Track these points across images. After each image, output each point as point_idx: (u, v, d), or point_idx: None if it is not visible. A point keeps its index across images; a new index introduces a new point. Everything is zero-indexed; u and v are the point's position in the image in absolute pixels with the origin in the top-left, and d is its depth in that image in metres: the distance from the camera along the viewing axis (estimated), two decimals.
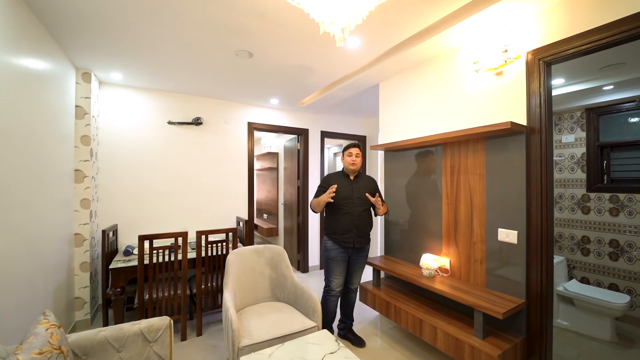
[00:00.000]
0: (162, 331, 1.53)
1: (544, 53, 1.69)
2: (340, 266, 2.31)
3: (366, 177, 2.48)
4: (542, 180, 1.71)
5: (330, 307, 2.35)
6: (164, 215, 3.19)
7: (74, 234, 2.49)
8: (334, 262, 2.31)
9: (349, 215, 2.28)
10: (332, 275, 2.32)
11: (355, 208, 2.29)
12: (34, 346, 1.07)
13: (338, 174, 2.41)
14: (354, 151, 2.35)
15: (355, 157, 2.34)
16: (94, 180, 2.71)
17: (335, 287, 2.32)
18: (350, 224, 2.28)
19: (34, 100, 1.82)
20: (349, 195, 2.30)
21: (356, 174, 2.40)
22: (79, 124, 2.51)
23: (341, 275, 2.33)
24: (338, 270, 2.31)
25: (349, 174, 2.39)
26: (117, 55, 2.33)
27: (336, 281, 2.32)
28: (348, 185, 2.33)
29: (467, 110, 2.11)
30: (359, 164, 2.36)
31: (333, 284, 2.32)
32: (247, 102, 3.65)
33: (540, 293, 1.71)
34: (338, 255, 2.30)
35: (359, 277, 2.45)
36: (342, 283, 2.35)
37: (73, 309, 2.48)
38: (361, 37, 2.06)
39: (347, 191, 2.30)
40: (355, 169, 2.35)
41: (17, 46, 1.62)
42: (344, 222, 2.28)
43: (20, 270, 1.63)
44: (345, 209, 2.28)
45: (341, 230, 2.29)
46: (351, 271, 2.39)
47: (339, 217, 2.29)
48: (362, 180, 2.40)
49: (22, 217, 1.64)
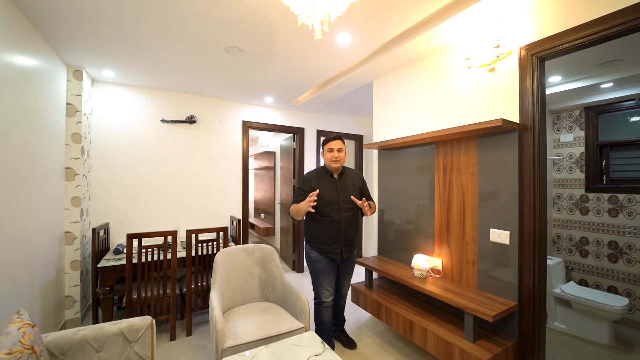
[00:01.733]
0: (144, 331, 1.50)
1: (537, 48, 1.65)
2: (329, 277, 2.08)
3: (352, 172, 2.19)
4: (535, 180, 1.66)
5: (325, 318, 2.11)
6: (157, 214, 3.17)
7: (64, 232, 2.47)
8: (321, 274, 2.07)
9: (336, 223, 2.01)
10: (321, 287, 2.08)
11: (343, 214, 2.02)
12: (3, 346, 1.04)
13: (320, 173, 2.10)
14: (334, 145, 2.02)
15: (337, 152, 2.03)
16: (85, 178, 2.70)
17: (325, 299, 2.08)
18: (337, 234, 2.02)
19: (21, 97, 1.80)
20: (334, 200, 2.02)
21: (340, 171, 2.12)
22: (70, 122, 2.49)
23: (330, 286, 2.09)
24: (327, 281, 2.07)
25: (332, 172, 2.10)
26: (106, 52, 2.31)
27: (326, 293, 2.08)
28: (332, 186, 2.05)
29: (460, 107, 2.06)
30: (343, 159, 2.06)
31: (323, 295, 2.08)
32: (242, 100, 3.62)
33: (532, 295, 1.66)
34: (325, 267, 2.06)
35: (349, 283, 2.32)
36: (333, 293, 2.12)
37: (63, 307, 2.46)
38: (352, 32, 2.02)
39: (332, 194, 2.02)
40: (339, 166, 2.06)
41: (3, 43, 1.60)
42: (330, 231, 2.01)
43: (2, 268, 1.61)
44: (331, 216, 2.01)
45: (327, 240, 2.03)
46: (340, 280, 2.21)
47: (324, 226, 2.02)
48: (347, 179, 2.11)
49: (2, 215, 1.62)
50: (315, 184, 2.04)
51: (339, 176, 2.12)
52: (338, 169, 2.10)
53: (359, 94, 3.39)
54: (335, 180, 2.10)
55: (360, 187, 2.17)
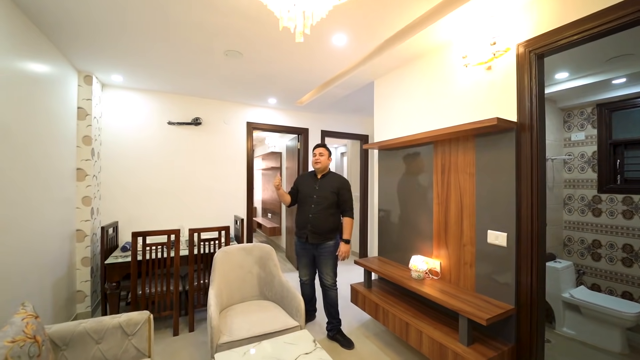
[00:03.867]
0: (141, 325, 1.57)
1: (535, 45, 1.60)
2: (303, 259, 2.51)
3: (333, 177, 2.50)
4: (533, 180, 1.62)
5: (305, 291, 2.62)
6: (164, 213, 3.27)
7: (76, 230, 2.60)
8: (298, 256, 2.55)
9: (305, 212, 2.44)
10: (299, 265, 2.58)
11: (313, 206, 2.41)
12: (7, 334, 1.12)
13: (309, 173, 2.60)
14: (317, 151, 2.49)
15: (319, 156, 2.46)
16: (95, 178, 2.83)
17: (301, 277, 2.58)
18: (305, 220, 2.43)
19: (34, 102, 1.92)
20: (310, 193, 2.45)
21: (324, 172, 2.51)
22: (80, 125, 2.62)
23: (305, 267, 2.54)
24: (302, 262, 2.53)
25: (316, 173, 2.52)
26: (114, 58, 2.41)
27: (302, 271, 2.56)
28: (312, 183, 2.49)
29: (458, 107, 2.03)
30: (323, 162, 2.46)
31: (300, 273, 2.59)
32: (246, 102, 3.68)
33: (530, 299, 1.62)
34: (300, 249, 2.51)
35: (329, 274, 2.43)
36: (307, 274, 2.56)
37: (74, 301, 2.59)
38: (347, 33, 2.03)
39: (309, 189, 2.46)
40: (319, 167, 2.47)
41: (17, 52, 1.71)
42: (301, 217, 2.46)
43: (15, 263, 1.71)
44: (304, 206, 2.46)
45: (299, 225, 2.48)
46: (319, 268, 2.49)
47: (299, 213, 2.50)
48: (328, 181, 2.47)
49: (15, 213, 1.73)
50: (300, 180, 2.60)
51: (322, 177, 2.51)
52: (320, 170, 2.50)
53: (362, 94, 3.38)
54: (317, 179, 2.51)
55: (337, 188, 2.44)
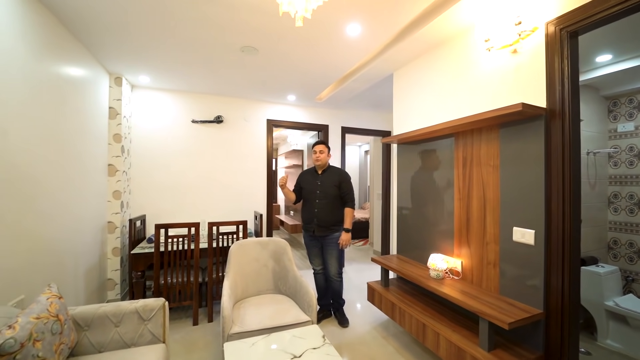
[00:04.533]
0: (156, 311, 1.63)
1: (568, 21, 1.44)
2: (313, 250, 2.65)
3: (333, 171, 2.62)
4: (565, 172, 1.46)
5: (318, 282, 2.70)
6: (188, 208, 3.42)
7: (107, 222, 2.79)
8: (307, 247, 2.69)
9: (311, 207, 2.57)
10: (309, 257, 2.71)
11: (317, 201, 2.54)
12: (33, 311, 1.21)
13: (309, 170, 2.71)
14: (317, 148, 2.59)
15: (319, 153, 2.56)
16: (125, 174, 3.01)
17: (315, 267, 2.69)
18: (311, 215, 2.56)
19: (71, 104, 2.11)
20: (312, 190, 2.58)
21: (324, 168, 2.61)
22: (111, 124, 2.80)
23: (316, 257, 2.67)
24: (312, 253, 2.67)
25: (317, 170, 2.62)
26: (141, 59, 2.55)
27: (314, 262, 2.68)
28: (313, 180, 2.61)
29: (482, 96, 1.89)
30: (323, 159, 2.57)
31: (312, 263, 2.71)
32: (265, 99, 3.73)
33: (561, 303, 1.46)
34: (309, 242, 2.65)
35: (334, 264, 2.58)
36: (319, 263, 2.68)
37: (105, 288, 2.77)
38: (361, 23, 1.97)
39: (312, 185, 2.59)
40: (320, 164, 2.58)
41: (54, 58, 1.88)
42: (307, 212, 2.59)
43: (52, 249, 1.86)
44: (309, 202, 2.59)
45: (306, 220, 2.62)
46: (326, 259, 2.62)
47: (305, 208, 2.63)
48: (328, 176, 2.58)
49: (53, 205, 1.88)
50: (302, 177, 2.70)
51: (322, 172, 2.61)
52: (320, 166, 2.61)
53: (382, 89, 3.29)
54: (318, 175, 2.61)
55: (338, 182, 2.57)
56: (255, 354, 1.47)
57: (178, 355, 2.09)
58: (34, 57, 1.69)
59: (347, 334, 2.43)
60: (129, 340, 1.55)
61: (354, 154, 7.93)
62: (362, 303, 3.00)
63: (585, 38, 1.68)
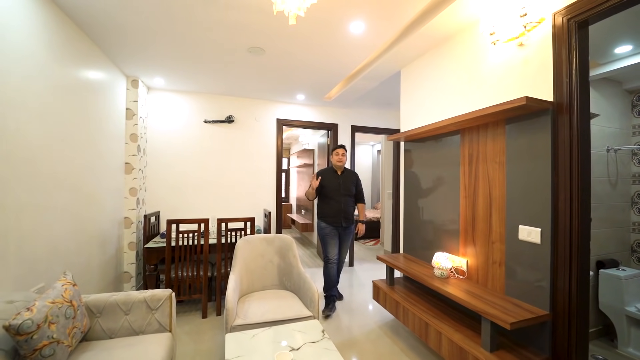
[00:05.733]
0: (163, 301, 1.70)
1: (576, 11, 1.39)
2: (334, 240, 2.85)
3: (350, 172, 2.99)
4: (573, 168, 1.40)
5: (331, 272, 2.81)
6: (200, 205, 3.53)
7: (124, 218, 2.93)
8: (329, 238, 2.83)
9: (338, 203, 2.84)
10: (328, 248, 2.84)
11: (342, 197, 2.86)
12: (49, 296, 1.30)
13: (329, 170, 2.96)
14: (340, 151, 2.90)
15: (341, 156, 2.88)
16: (141, 172, 3.15)
17: (332, 257, 2.83)
18: (338, 210, 2.84)
19: (90, 106, 2.26)
20: (337, 188, 2.85)
21: (342, 170, 2.93)
22: (128, 124, 2.95)
23: (335, 247, 2.86)
24: (332, 243, 2.83)
25: (336, 170, 2.91)
26: (154, 62, 2.67)
27: (332, 252, 2.83)
28: (336, 179, 2.88)
29: (488, 91, 1.85)
30: (344, 161, 2.91)
31: (330, 254, 2.83)
32: (275, 99, 3.80)
33: (569, 305, 1.40)
34: (331, 232, 2.84)
35: (346, 252, 3.01)
36: (337, 253, 2.87)
37: (122, 281, 2.92)
38: (364, 20, 1.97)
39: (335, 184, 2.86)
40: (341, 165, 2.90)
41: (73, 62, 2.01)
42: (334, 208, 2.84)
43: (72, 241, 1.99)
44: (335, 199, 2.85)
45: (332, 214, 2.84)
46: (341, 246, 2.91)
47: (331, 204, 2.86)
48: (347, 176, 2.93)
49: (74, 200, 2.01)
50: (324, 177, 2.88)
51: (341, 173, 2.93)
52: (340, 167, 2.92)
53: (390, 86, 3.26)
54: (339, 175, 2.91)
55: (355, 181, 2.98)
56: (255, 345, 1.51)
57: (187, 345, 2.18)
58: (55, 62, 1.81)
59: (353, 332, 2.43)
60: (138, 328, 1.63)
61: (366, 154, 7.88)
62: (370, 302, 2.99)
63: (601, 28, 1.61)
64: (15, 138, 1.48)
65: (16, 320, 1.11)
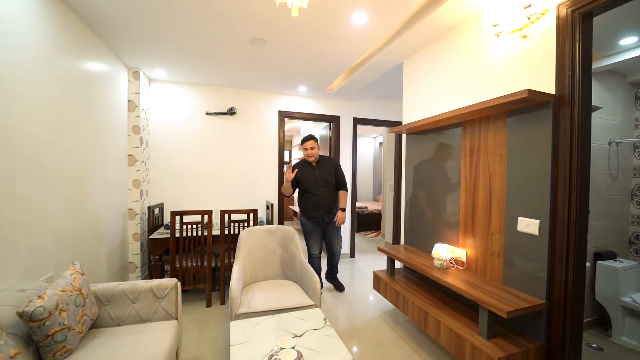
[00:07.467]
0: (169, 290, 1.75)
1: (581, 2, 1.38)
2: (315, 236, 2.85)
3: (327, 160, 2.87)
4: (573, 161, 1.41)
5: (314, 265, 2.86)
6: (203, 197, 3.56)
7: (128, 209, 2.97)
8: (309, 234, 2.85)
9: (316, 197, 2.76)
10: (310, 243, 2.87)
11: (320, 190, 2.75)
12: (59, 285, 1.34)
13: (303, 162, 2.85)
14: (307, 145, 2.74)
15: (310, 149, 2.75)
16: (144, 164, 3.18)
17: (313, 252, 2.88)
18: (318, 204, 2.76)
19: (92, 98, 2.25)
20: (312, 181, 2.76)
21: (317, 160, 2.81)
22: (130, 116, 2.95)
23: (317, 243, 2.86)
24: (314, 239, 2.86)
25: (311, 162, 2.81)
26: (157, 54, 2.65)
27: (314, 247, 2.87)
28: (311, 172, 2.77)
29: (492, 84, 1.84)
30: (315, 154, 2.77)
31: (312, 249, 2.88)
32: (277, 91, 3.78)
33: (564, 294, 1.44)
34: (312, 229, 2.83)
35: (338, 242, 2.95)
36: (319, 248, 2.89)
37: (127, 271, 2.97)
38: (366, 11, 1.96)
39: (312, 177, 2.76)
40: (313, 159, 2.78)
41: (74, 53, 2.00)
42: (313, 202, 2.77)
43: (77, 231, 2.03)
44: (313, 192, 2.76)
45: (311, 209, 2.77)
46: (330, 240, 2.89)
47: (309, 199, 2.79)
48: (323, 165, 2.81)
49: (78, 191, 2.04)
50: (299, 169, 2.77)
51: (317, 164, 2.83)
52: (313, 160, 2.82)
53: (393, 79, 3.24)
54: (314, 167, 2.81)
55: (333, 169, 2.84)
56: (259, 331, 1.55)
57: (192, 333, 2.24)
58: (56, 54, 1.81)
59: (354, 320, 2.49)
60: (145, 316, 1.68)
61: (368, 146, 7.87)
62: (371, 292, 3.05)
63: (605, 19, 1.60)
64: (21, 130, 1.50)
65: (29, 307, 1.15)
